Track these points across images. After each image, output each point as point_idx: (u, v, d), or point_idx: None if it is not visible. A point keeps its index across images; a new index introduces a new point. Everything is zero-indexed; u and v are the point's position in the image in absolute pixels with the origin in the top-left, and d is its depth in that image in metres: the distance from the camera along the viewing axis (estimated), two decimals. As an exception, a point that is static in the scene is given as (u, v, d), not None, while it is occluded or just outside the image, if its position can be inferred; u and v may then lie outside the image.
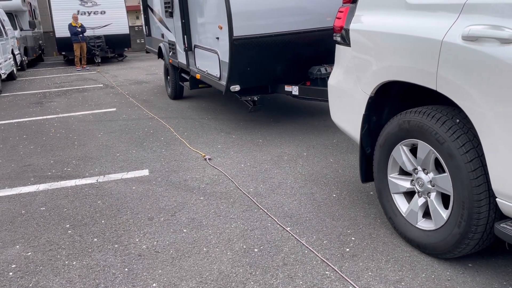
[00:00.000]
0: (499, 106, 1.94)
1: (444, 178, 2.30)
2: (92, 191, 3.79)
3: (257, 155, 4.53)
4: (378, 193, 2.84)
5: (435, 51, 2.20)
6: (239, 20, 4.57)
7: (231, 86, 4.95)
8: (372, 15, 2.76)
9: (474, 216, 2.15)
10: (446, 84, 2.17)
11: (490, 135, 2.00)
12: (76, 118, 6.83)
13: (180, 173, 4.11)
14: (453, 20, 2.15)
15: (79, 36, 13.75)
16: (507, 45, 1.88)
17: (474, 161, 2.13)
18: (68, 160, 4.70)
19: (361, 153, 2.93)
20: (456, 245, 2.28)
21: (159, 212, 3.30)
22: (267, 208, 3.26)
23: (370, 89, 2.74)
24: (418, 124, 2.40)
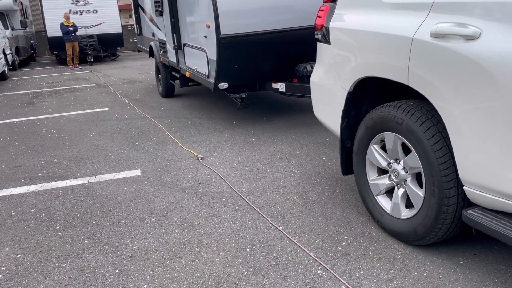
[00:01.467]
0: (463, 99, 2.04)
1: (412, 157, 2.42)
2: (83, 191, 3.76)
3: (250, 154, 4.51)
4: (363, 200, 2.93)
5: (407, 47, 2.31)
6: (226, 19, 4.65)
7: (219, 84, 5.03)
8: (351, 14, 2.87)
9: (444, 201, 2.26)
10: (417, 79, 2.28)
11: (456, 127, 2.10)
12: (67, 118, 6.78)
13: (173, 173, 4.09)
14: (423, 18, 2.26)
15: (71, 35, 13.65)
16: (470, 42, 1.99)
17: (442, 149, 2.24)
18: (59, 160, 4.66)
19: (341, 147, 3.05)
20: (431, 228, 2.37)
21: (150, 212, 3.28)
22: (260, 207, 3.25)
23: (349, 85, 2.85)
24: (379, 116, 2.59)
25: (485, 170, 2.02)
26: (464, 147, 2.09)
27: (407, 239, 2.57)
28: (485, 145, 1.99)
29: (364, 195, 2.90)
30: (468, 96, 2.01)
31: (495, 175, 1.99)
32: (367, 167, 2.83)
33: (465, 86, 2.02)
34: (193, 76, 5.91)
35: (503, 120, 1.90)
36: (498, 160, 1.96)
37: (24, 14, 17.04)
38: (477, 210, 2.18)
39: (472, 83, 1.99)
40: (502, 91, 1.88)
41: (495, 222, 2.04)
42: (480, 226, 2.10)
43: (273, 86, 5.34)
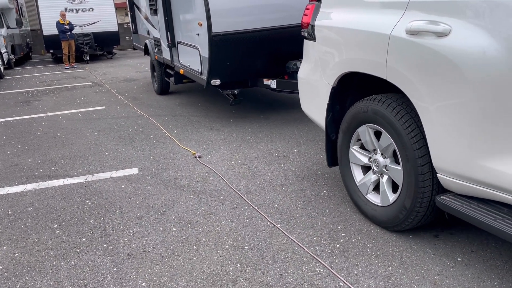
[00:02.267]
0: (435, 92, 2.17)
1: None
2: (80, 190, 3.75)
3: (247, 152, 4.51)
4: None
5: (385, 44, 2.45)
6: (217, 17, 4.77)
7: (211, 80, 5.14)
8: (335, 12, 3.00)
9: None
10: (394, 74, 2.42)
11: (429, 118, 2.24)
12: (64, 116, 6.76)
13: (170, 171, 4.08)
14: (400, 16, 2.39)
15: (67, 33, 13.59)
16: (441, 38, 2.13)
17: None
18: (56, 159, 4.65)
19: (326, 140, 3.20)
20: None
21: (148, 210, 3.27)
22: (258, 205, 3.25)
23: (333, 80, 2.98)
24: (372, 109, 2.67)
25: (456, 158, 2.15)
26: (437, 137, 2.23)
27: (393, 224, 2.67)
28: (456, 134, 2.12)
29: (351, 193, 3.03)
30: (439, 89, 2.15)
31: (465, 162, 2.12)
32: (353, 171, 2.98)
33: (437, 80, 2.15)
34: (187, 73, 6.00)
35: (472, 111, 2.02)
36: (468, 148, 2.09)
37: (19, 12, 16.95)
38: (450, 196, 2.31)
39: (443, 77, 2.12)
40: (470, 84, 2.01)
41: (466, 207, 2.18)
42: (452, 211, 2.23)
43: (264, 82, 5.46)
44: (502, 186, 2.00)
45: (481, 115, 2.00)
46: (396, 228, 2.67)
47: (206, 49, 4.98)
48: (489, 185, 2.06)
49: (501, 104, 1.92)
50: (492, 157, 2.01)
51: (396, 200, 2.60)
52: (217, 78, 5.16)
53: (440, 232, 2.72)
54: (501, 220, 2.02)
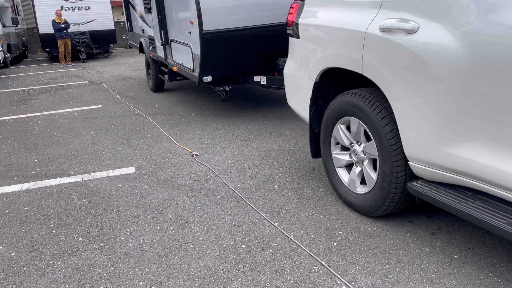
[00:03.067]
0: (405, 85, 2.33)
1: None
2: (77, 189, 3.74)
3: (244, 150, 4.50)
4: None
5: (361, 40, 2.60)
6: (208, 16, 4.92)
7: (203, 77, 5.28)
8: (317, 11, 3.16)
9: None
10: (369, 69, 2.57)
11: (400, 109, 2.40)
12: (60, 115, 6.73)
13: (167, 170, 4.08)
14: (374, 14, 2.55)
15: (63, 32, 13.55)
16: (410, 35, 2.28)
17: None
18: (53, 158, 4.63)
19: (310, 132, 3.34)
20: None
21: (145, 209, 3.26)
22: (255, 203, 3.24)
23: (315, 75, 3.13)
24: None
25: (424, 146, 2.31)
26: (407, 127, 2.38)
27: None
28: (423, 124, 2.28)
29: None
30: (408, 82, 2.31)
31: (432, 150, 2.28)
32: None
33: (406, 74, 2.31)
34: (180, 70, 6.13)
35: (436, 102, 2.18)
36: (434, 137, 2.25)
37: (15, 11, 16.87)
38: (420, 182, 2.47)
39: (411, 71, 2.28)
40: (434, 77, 2.16)
41: (434, 192, 2.34)
42: (422, 196, 2.38)
43: (254, 79, 5.60)
44: (464, 171, 2.15)
45: (444, 106, 2.15)
46: (373, 214, 2.84)
47: (197, 46, 5.12)
48: (454, 170, 2.21)
49: (462, 96, 2.06)
50: (455, 144, 2.16)
51: (372, 189, 2.76)
52: (208, 75, 5.28)
53: (437, 230, 2.73)
54: (464, 203, 2.18)
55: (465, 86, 2.04)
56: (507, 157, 1.94)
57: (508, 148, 1.93)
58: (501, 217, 2.02)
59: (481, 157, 2.04)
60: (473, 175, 2.11)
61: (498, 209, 2.08)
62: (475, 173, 2.09)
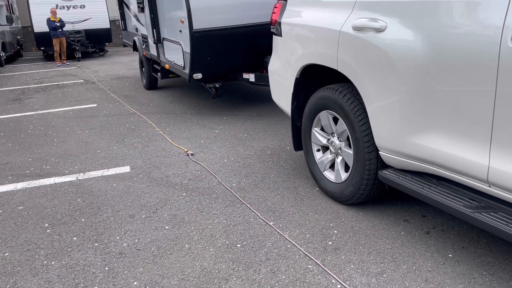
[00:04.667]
0: (374, 80, 2.51)
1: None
2: (71, 189, 3.72)
3: (240, 150, 4.50)
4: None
5: (336, 39, 2.79)
6: (198, 15, 5.08)
7: (193, 74, 5.43)
8: (298, 10, 3.32)
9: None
10: (343, 65, 2.75)
11: (370, 102, 2.58)
12: (55, 114, 6.70)
13: (162, 169, 4.06)
14: (348, 14, 2.73)
15: (58, 31, 13.48)
16: (379, 33, 2.46)
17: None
18: (47, 157, 4.61)
19: (292, 126, 3.52)
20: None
21: (140, 209, 3.25)
22: (250, 203, 3.24)
23: (296, 71, 3.29)
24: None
25: (391, 136, 2.48)
26: (376, 118, 2.56)
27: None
28: (390, 116, 2.46)
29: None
30: (377, 78, 2.48)
31: (398, 140, 2.45)
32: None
33: (375, 69, 2.49)
34: (172, 68, 6.26)
35: (401, 95, 2.36)
36: (400, 128, 2.42)
37: (10, 9, 16.76)
38: (390, 171, 2.65)
39: (380, 67, 2.46)
40: (399, 72, 2.33)
41: (401, 179, 2.51)
42: (391, 183, 2.56)
43: (243, 76, 5.76)
44: (427, 159, 2.32)
45: (408, 99, 2.33)
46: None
47: (188, 45, 5.26)
48: (418, 158, 2.39)
49: (423, 90, 2.24)
50: (418, 134, 2.34)
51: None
52: (198, 72, 5.43)
53: (431, 229, 2.74)
54: (428, 188, 2.35)
55: (426, 81, 2.22)
56: (462, 145, 2.12)
57: (463, 136, 2.11)
58: (459, 200, 2.20)
59: (441, 145, 2.22)
60: (434, 162, 2.29)
61: (457, 193, 2.27)
62: (436, 160, 2.27)
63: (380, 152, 2.65)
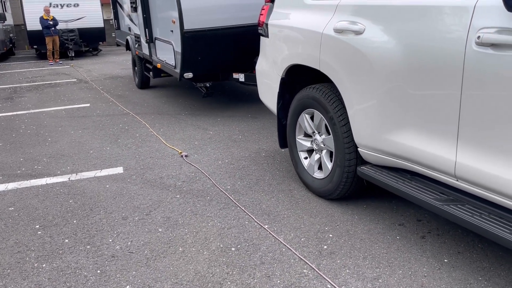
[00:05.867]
0: (353, 80, 2.63)
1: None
2: (63, 190, 3.67)
3: (234, 151, 4.47)
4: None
5: (318, 40, 2.90)
6: (189, 15, 5.18)
7: (184, 74, 5.53)
8: (283, 12, 3.42)
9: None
10: (325, 65, 2.87)
11: (350, 101, 2.69)
12: (47, 114, 6.63)
13: (156, 170, 4.02)
14: (330, 17, 2.85)
15: (51, 29, 13.37)
16: (358, 36, 2.57)
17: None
18: (39, 157, 4.55)
19: (278, 124, 3.62)
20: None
21: (133, 211, 3.21)
22: (245, 205, 3.21)
23: (282, 71, 3.41)
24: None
25: (369, 134, 2.61)
26: (355, 117, 2.68)
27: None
28: (367, 114, 2.57)
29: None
30: (356, 78, 2.60)
31: (375, 137, 2.57)
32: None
33: (354, 70, 2.61)
34: (163, 67, 6.33)
35: (377, 95, 2.47)
36: (377, 126, 2.54)
37: (2, 7, 16.61)
38: (368, 167, 2.78)
39: (358, 68, 2.57)
40: (376, 72, 2.46)
41: (378, 174, 2.64)
42: (369, 178, 2.69)
43: (234, 76, 5.87)
44: (402, 155, 2.45)
45: (384, 99, 2.44)
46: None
47: (179, 44, 5.34)
48: (393, 155, 2.52)
49: (397, 90, 2.36)
50: (393, 131, 2.46)
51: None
52: (189, 71, 5.53)
53: (427, 233, 2.73)
54: (402, 183, 2.49)
55: (400, 82, 2.34)
56: (432, 141, 2.24)
57: (433, 133, 2.23)
58: (430, 194, 2.33)
59: (413, 142, 2.35)
60: (408, 158, 2.41)
61: (428, 187, 2.40)
62: (409, 156, 2.40)
63: (358, 149, 2.78)
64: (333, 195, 3.08)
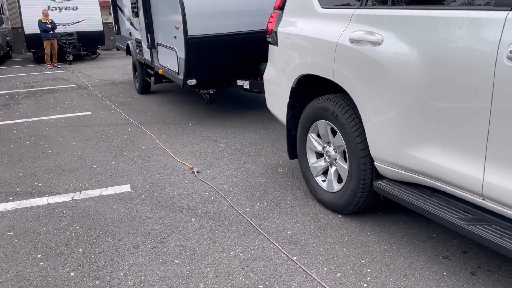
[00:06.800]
0: (370, 92, 2.53)
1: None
2: (67, 211, 3.37)
3: (249, 167, 4.18)
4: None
5: (332, 50, 2.81)
6: (193, 21, 5.04)
7: (188, 80, 5.39)
8: (294, 21, 3.33)
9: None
10: (339, 76, 2.77)
11: (366, 113, 2.59)
12: (47, 123, 6.32)
13: (166, 188, 3.73)
14: (345, 27, 2.75)
15: (49, 33, 13.06)
16: (376, 47, 2.48)
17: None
18: (39, 173, 4.25)
19: (288, 135, 3.54)
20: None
21: (145, 237, 2.92)
22: (268, 231, 2.93)
23: (292, 81, 3.31)
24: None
25: (387, 148, 2.50)
26: (372, 130, 2.57)
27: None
28: (386, 127, 2.47)
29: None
30: (373, 90, 2.51)
31: (394, 152, 2.46)
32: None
33: (372, 82, 2.51)
34: (166, 73, 6.19)
35: (397, 108, 2.38)
36: (396, 140, 2.43)
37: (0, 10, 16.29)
38: (385, 181, 2.66)
39: (376, 80, 2.48)
40: (395, 85, 2.36)
41: (396, 190, 2.53)
42: (386, 194, 2.57)
43: (238, 83, 5.74)
44: (423, 171, 2.33)
45: (404, 112, 2.34)
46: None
47: (182, 51, 5.21)
48: (414, 171, 2.40)
49: (420, 103, 2.26)
50: (414, 146, 2.35)
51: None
52: (193, 78, 5.39)
53: (476, 268, 2.45)
54: (423, 200, 2.37)
55: (422, 95, 2.24)
56: (458, 158, 2.13)
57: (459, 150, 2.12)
58: (454, 212, 2.21)
59: (437, 158, 2.23)
60: (430, 174, 2.30)
61: (451, 205, 2.28)
62: (432, 173, 2.29)
63: (375, 163, 2.66)
64: (345, 210, 2.99)
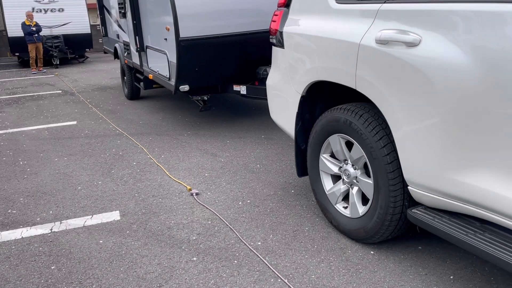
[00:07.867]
0: (405, 103, 2.11)
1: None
2: (44, 248, 2.83)
3: (256, 187, 3.66)
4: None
5: (354, 53, 2.38)
6: (185, 22, 4.63)
7: (180, 86, 4.98)
8: (303, 19, 2.91)
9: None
10: (363, 83, 2.35)
11: (399, 130, 2.18)
12: (28, 134, 5.75)
13: (162, 216, 3.20)
14: (369, 24, 2.32)
15: (34, 36, 12.44)
16: (411, 48, 2.06)
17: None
18: (14, 196, 3.69)
19: (296, 149, 3.12)
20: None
21: (138, 285, 2.39)
22: (288, 275, 2.41)
23: (302, 88, 2.90)
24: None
25: (426, 171, 2.09)
26: (407, 149, 2.17)
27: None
28: (426, 147, 2.06)
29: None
30: (409, 100, 2.09)
31: (435, 175, 2.06)
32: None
33: (407, 91, 2.10)
34: (156, 78, 5.77)
35: (441, 123, 1.96)
36: (438, 161, 2.03)
37: (-18, 11, 15.60)
38: (421, 209, 2.26)
39: (413, 88, 2.06)
40: (439, 94, 1.95)
41: (437, 220, 2.11)
42: (423, 224, 2.17)
43: (234, 88, 5.33)
44: (472, 200, 1.94)
45: (450, 127, 1.94)
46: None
47: (174, 54, 4.81)
48: (460, 198, 2.00)
49: (470, 116, 1.86)
50: (462, 170, 1.96)
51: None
52: (185, 84, 4.99)
53: (556, 326, 1.96)
54: (472, 234, 1.97)
55: (474, 107, 1.84)
56: None
57: None
58: None
59: (491, 184, 1.84)
60: (481, 204, 1.91)
61: (508, 241, 1.88)
62: (483, 202, 1.90)
63: (409, 187, 2.25)
64: (378, 235, 2.50)
